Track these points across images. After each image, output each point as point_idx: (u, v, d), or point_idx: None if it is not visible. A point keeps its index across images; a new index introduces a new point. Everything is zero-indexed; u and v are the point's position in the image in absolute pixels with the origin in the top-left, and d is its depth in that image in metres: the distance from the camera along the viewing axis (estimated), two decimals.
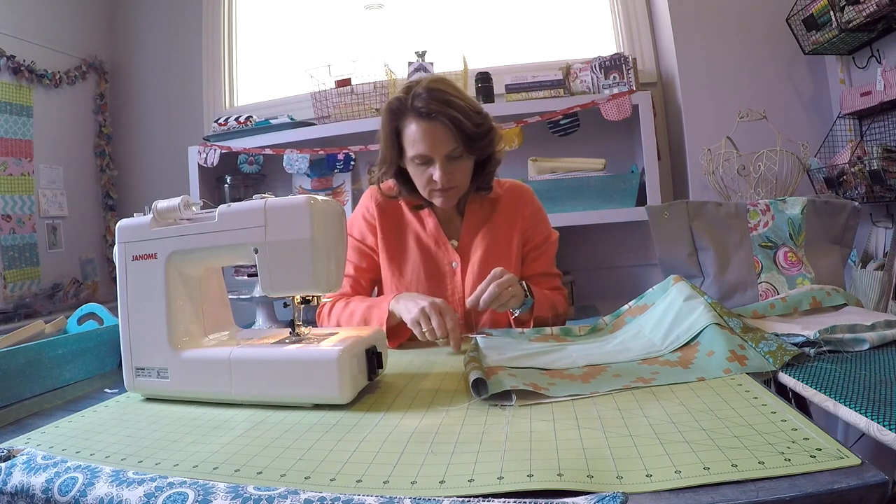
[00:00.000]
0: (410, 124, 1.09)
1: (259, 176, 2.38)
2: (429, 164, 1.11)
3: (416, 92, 1.08)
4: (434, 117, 1.06)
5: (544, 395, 0.69)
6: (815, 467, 0.45)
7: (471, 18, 2.50)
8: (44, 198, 2.36)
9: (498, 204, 1.24)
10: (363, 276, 1.25)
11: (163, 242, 0.80)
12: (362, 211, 1.26)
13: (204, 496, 0.43)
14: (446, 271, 1.20)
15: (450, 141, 1.08)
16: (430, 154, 1.09)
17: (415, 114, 1.08)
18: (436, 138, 1.08)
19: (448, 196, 1.14)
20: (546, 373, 0.79)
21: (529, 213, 1.26)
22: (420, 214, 1.23)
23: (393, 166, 1.17)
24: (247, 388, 0.74)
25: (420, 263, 1.20)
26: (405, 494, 0.44)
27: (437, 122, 1.07)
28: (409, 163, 1.13)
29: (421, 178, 1.13)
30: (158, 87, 2.70)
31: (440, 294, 1.17)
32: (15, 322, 2.02)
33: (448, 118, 1.06)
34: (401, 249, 1.22)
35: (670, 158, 2.26)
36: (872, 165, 1.60)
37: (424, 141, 1.08)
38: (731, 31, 2.06)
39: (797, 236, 1.11)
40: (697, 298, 0.92)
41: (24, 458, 0.51)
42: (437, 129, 1.07)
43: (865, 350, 0.78)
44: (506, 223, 1.23)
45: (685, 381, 0.72)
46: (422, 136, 1.08)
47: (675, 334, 0.88)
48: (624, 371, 0.78)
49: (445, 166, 1.10)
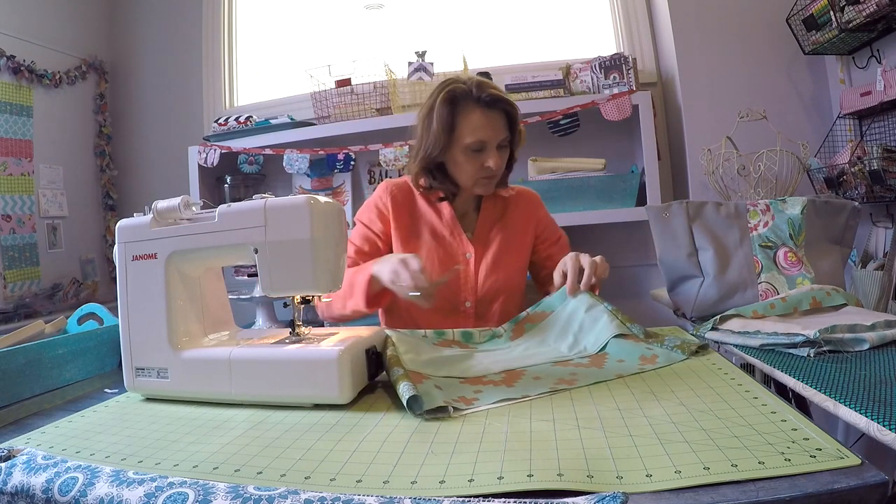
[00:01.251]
0: (472, 113, 1.15)
1: (259, 176, 2.38)
2: (482, 151, 1.16)
3: (474, 84, 1.16)
4: (495, 106, 1.15)
5: (477, 405, 0.68)
6: (815, 467, 0.45)
7: (471, 18, 2.50)
8: (44, 198, 2.36)
9: (510, 203, 1.31)
10: (363, 260, 1.25)
11: (163, 242, 0.80)
12: (375, 200, 1.28)
13: (204, 496, 0.43)
14: (460, 261, 1.24)
15: (504, 130, 1.17)
16: (488, 141, 1.15)
17: (478, 102, 1.15)
18: (496, 126, 1.16)
19: (490, 183, 1.21)
20: (466, 381, 0.78)
21: (542, 216, 1.35)
22: (437, 206, 1.27)
23: (440, 155, 1.18)
24: (247, 388, 0.74)
25: (434, 252, 1.23)
26: (405, 494, 0.44)
27: (497, 111, 1.16)
28: (462, 151, 1.16)
29: (472, 166, 1.17)
30: (158, 87, 2.70)
31: (453, 283, 1.21)
32: (15, 322, 2.02)
33: (507, 108, 1.17)
34: (415, 239, 1.25)
35: (670, 158, 2.26)
36: (872, 165, 1.60)
37: (486, 128, 1.15)
38: (731, 31, 2.06)
39: (797, 236, 1.11)
40: (598, 307, 0.94)
41: (24, 458, 0.51)
42: (497, 118, 1.16)
43: (865, 350, 0.78)
44: (520, 222, 1.30)
45: (605, 380, 0.74)
46: (484, 123, 1.14)
47: (581, 345, 0.90)
48: (543, 374, 0.79)
49: (497, 154, 1.17)
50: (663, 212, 1.18)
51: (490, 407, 0.67)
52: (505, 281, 1.23)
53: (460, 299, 1.23)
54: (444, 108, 1.15)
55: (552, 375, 0.77)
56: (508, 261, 1.26)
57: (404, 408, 0.67)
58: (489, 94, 1.14)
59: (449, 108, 1.15)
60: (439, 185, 1.23)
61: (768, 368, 0.77)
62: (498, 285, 1.23)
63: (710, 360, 0.80)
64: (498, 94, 1.15)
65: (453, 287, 1.21)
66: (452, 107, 1.15)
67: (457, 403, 0.68)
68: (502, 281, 1.23)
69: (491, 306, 1.23)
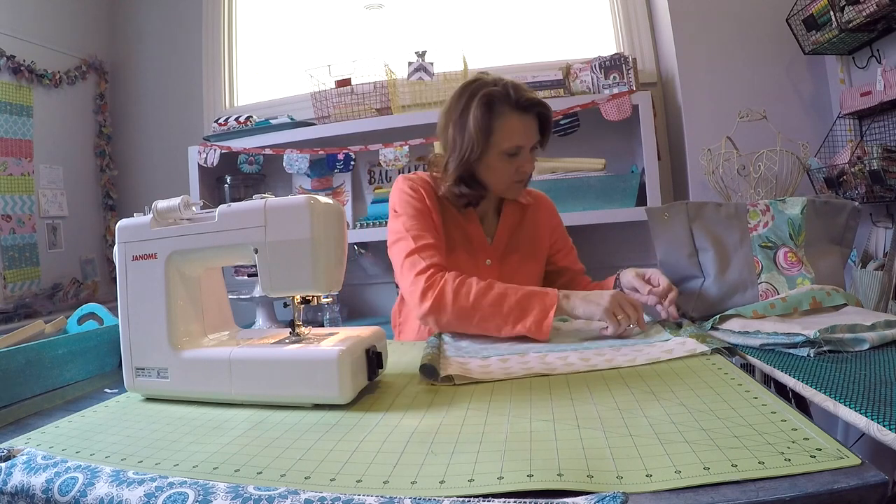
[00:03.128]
0: (510, 117, 1.12)
1: (259, 176, 2.38)
2: (516, 155, 1.15)
3: (510, 86, 1.13)
4: (531, 110, 1.14)
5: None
6: (815, 467, 0.45)
7: (471, 18, 2.50)
8: (44, 198, 2.36)
9: (528, 209, 1.31)
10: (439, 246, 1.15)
11: (163, 242, 0.80)
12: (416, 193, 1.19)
13: (204, 496, 0.43)
14: (481, 268, 1.22)
15: (537, 133, 1.17)
16: (524, 146, 1.15)
17: (515, 106, 1.12)
18: (530, 131, 1.15)
19: (522, 187, 1.22)
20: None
21: (557, 224, 1.37)
22: (462, 210, 1.22)
23: (478, 158, 1.14)
24: (247, 388, 0.74)
25: (457, 256, 1.19)
26: (405, 494, 0.44)
27: (532, 115, 1.15)
28: (498, 155, 1.14)
29: (507, 170, 1.16)
30: (158, 87, 2.70)
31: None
32: (15, 322, 2.02)
33: (543, 111, 1.16)
34: (447, 237, 1.20)
35: (670, 158, 2.26)
36: (872, 165, 1.60)
37: (523, 133, 1.14)
38: (731, 31, 2.06)
39: (797, 236, 1.11)
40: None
41: (24, 458, 0.51)
42: (531, 123, 1.15)
43: (865, 350, 0.78)
44: (538, 229, 1.31)
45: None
46: (521, 128, 1.13)
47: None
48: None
49: (531, 158, 1.18)
50: (663, 212, 1.18)
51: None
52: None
53: None
54: (480, 111, 1.11)
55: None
56: (526, 268, 1.26)
57: (404, 408, 0.67)
58: (527, 98, 1.12)
59: (485, 111, 1.11)
60: (470, 192, 1.18)
61: (768, 368, 0.77)
62: None
63: (710, 360, 0.80)
64: (534, 98, 1.14)
65: None
66: (489, 110, 1.11)
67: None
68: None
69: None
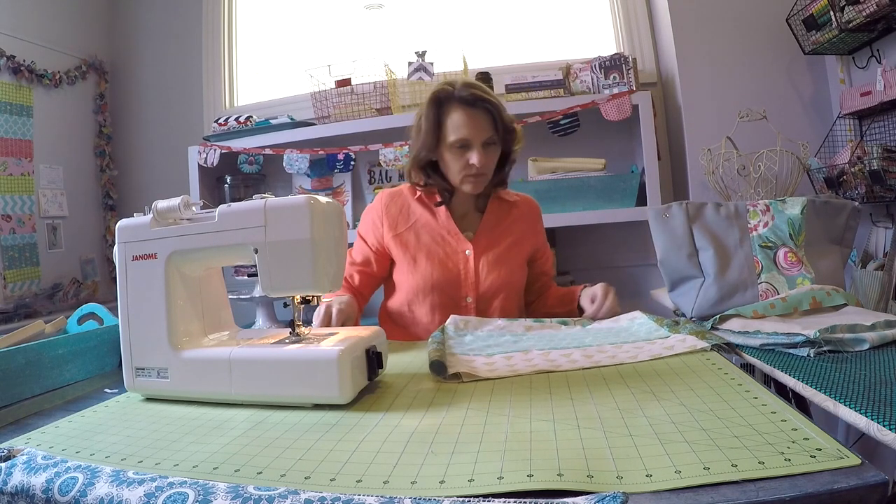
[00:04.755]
0: (455, 112, 1.20)
1: (259, 176, 2.38)
2: (467, 148, 1.21)
3: (460, 85, 1.21)
4: (478, 105, 1.20)
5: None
6: (815, 467, 0.45)
7: (471, 18, 2.50)
8: (44, 198, 2.36)
9: (514, 209, 1.36)
10: (355, 270, 1.33)
11: (163, 242, 0.80)
12: (370, 213, 1.34)
13: (204, 496, 0.43)
14: (459, 258, 1.27)
15: (488, 128, 1.21)
16: (471, 139, 1.19)
17: (460, 102, 1.20)
18: (478, 124, 1.20)
19: (478, 182, 1.24)
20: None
21: (541, 230, 1.41)
22: (433, 209, 1.31)
23: (430, 154, 1.24)
24: (247, 388, 0.74)
25: (433, 252, 1.27)
26: (405, 494, 0.44)
27: (479, 109, 1.20)
28: (448, 149, 1.22)
29: (458, 163, 1.22)
30: (158, 87, 2.70)
31: (454, 278, 1.25)
32: (15, 322, 2.02)
33: (490, 107, 1.20)
34: (412, 242, 1.29)
35: (670, 158, 2.26)
36: (872, 165, 1.60)
37: (468, 126, 1.19)
38: (731, 31, 2.06)
39: (797, 236, 1.11)
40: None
41: (24, 458, 0.51)
42: (479, 116, 1.20)
43: (865, 350, 0.78)
44: (522, 228, 1.35)
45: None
46: (466, 121, 1.19)
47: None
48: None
49: (482, 152, 1.20)
50: (663, 213, 1.18)
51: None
52: (506, 277, 1.26)
53: (461, 295, 1.25)
54: (430, 109, 1.22)
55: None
56: (510, 259, 1.29)
57: (404, 408, 0.67)
58: (470, 93, 1.19)
59: (435, 109, 1.22)
60: (434, 183, 1.28)
61: (768, 368, 0.77)
62: (499, 282, 1.25)
63: (710, 360, 0.80)
64: (479, 94, 1.19)
65: (454, 283, 1.24)
66: (438, 108, 1.22)
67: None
68: (504, 278, 1.26)
69: (492, 303, 1.26)
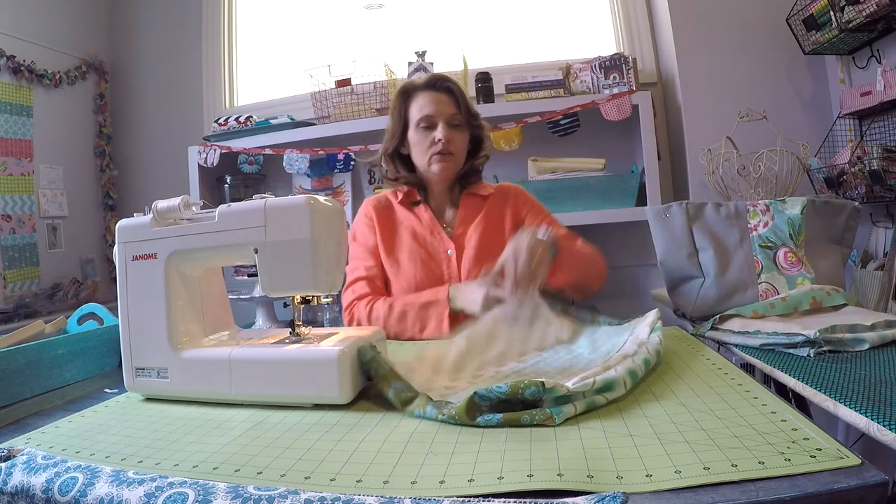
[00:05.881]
0: (418, 96, 1.28)
1: (259, 176, 2.38)
2: (432, 128, 1.26)
3: (424, 77, 1.30)
4: (440, 87, 1.28)
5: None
6: (815, 467, 0.45)
7: (471, 18, 2.50)
8: (44, 198, 2.36)
9: (489, 199, 1.36)
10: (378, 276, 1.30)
11: (163, 242, 0.80)
12: (363, 218, 1.36)
13: (204, 496, 0.43)
14: (442, 258, 1.28)
15: (452, 107, 1.27)
16: (434, 114, 1.25)
17: (424, 87, 1.28)
18: (441, 103, 1.27)
19: (446, 163, 1.27)
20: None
21: (523, 202, 1.36)
22: (415, 210, 1.33)
23: (397, 142, 1.31)
24: (247, 388, 0.74)
25: (416, 253, 1.28)
26: (405, 494, 0.44)
27: (442, 91, 1.28)
28: (415, 131, 1.27)
29: (424, 143, 1.27)
30: (158, 87, 2.70)
31: (436, 278, 1.25)
32: (15, 322, 2.02)
33: (451, 88, 1.28)
34: (397, 243, 1.30)
35: (670, 158, 2.26)
36: (872, 165, 1.60)
37: (431, 105, 1.26)
38: (731, 31, 2.06)
39: (797, 236, 1.11)
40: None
41: (24, 458, 0.51)
42: (442, 97, 1.27)
43: (865, 350, 0.78)
44: (497, 210, 1.35)
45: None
46: (428, 101, 1.26)
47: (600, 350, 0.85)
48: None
49: (447, 129, 1.25)
50: (663, 213, 1.18)
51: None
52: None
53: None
54: (397, 101, 1.31)
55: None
56: (489, 255, 1.24)
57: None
58: (431, 77, 1.29)
59: (402, 100, 1.30)
60: (405, 175, 1.33)
61: (768, 368, 0.77)
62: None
63: (710, 360, 0.80)
64: (441, 76, 1.29)
65: (437, 282, 1.24)
66: (406, 98, 1.30)
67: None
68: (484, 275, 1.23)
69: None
